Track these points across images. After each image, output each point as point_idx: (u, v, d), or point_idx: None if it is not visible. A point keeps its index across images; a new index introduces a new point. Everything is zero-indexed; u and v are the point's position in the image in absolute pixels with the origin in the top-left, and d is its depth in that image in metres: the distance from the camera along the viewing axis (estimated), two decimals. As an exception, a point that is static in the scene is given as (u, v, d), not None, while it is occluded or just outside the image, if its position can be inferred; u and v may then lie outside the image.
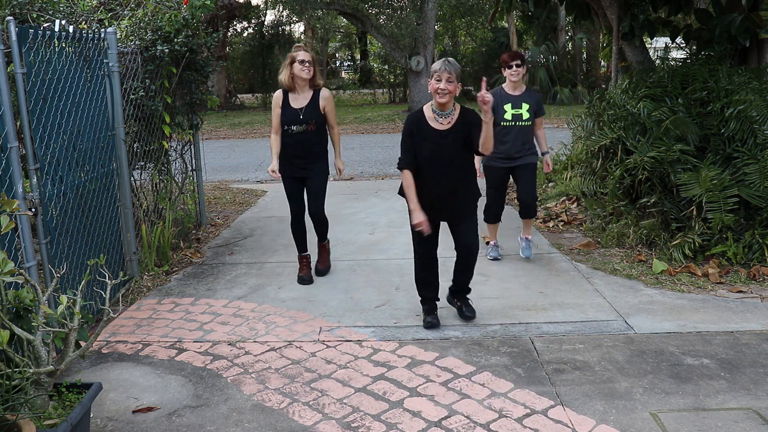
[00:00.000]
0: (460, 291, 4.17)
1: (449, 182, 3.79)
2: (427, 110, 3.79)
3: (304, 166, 4.82)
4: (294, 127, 4.73)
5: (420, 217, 3.73)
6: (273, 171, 4.70)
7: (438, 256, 4.06)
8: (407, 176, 3.79)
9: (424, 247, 3.96)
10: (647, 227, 5.45)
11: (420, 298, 4.15)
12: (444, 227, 3.99)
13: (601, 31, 8.37)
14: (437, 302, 4.14)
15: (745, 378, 3.30)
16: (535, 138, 5.23)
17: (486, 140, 3.63)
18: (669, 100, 5.67)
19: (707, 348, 3.66)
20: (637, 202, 5.61)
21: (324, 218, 4.98)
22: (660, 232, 5.36)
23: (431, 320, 4.03)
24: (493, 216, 5.37)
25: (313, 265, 5.20)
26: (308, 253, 5.13)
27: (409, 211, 3.81)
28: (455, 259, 4.02)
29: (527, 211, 5.31)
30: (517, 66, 5.01)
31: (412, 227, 3.82)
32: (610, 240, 5.67)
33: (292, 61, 4.73)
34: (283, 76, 4.76)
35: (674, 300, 4.40)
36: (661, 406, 3.07)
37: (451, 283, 4.20)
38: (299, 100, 4.76)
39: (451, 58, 3.69)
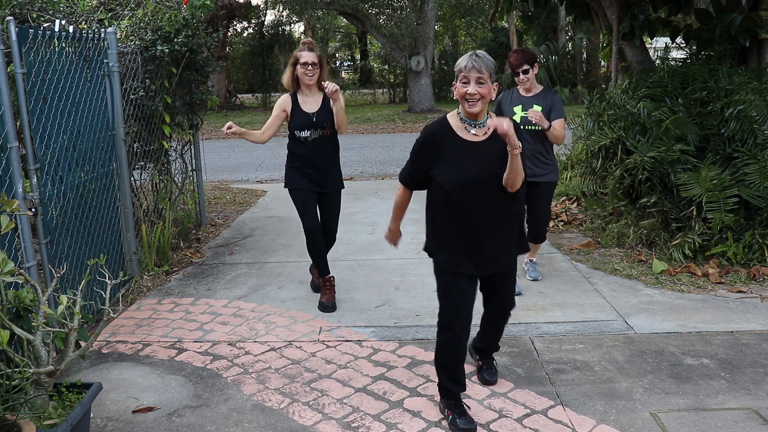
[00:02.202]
0: (485, 349, 3.35)
1: (493, 217, 2.80)
2: (453, 118, 2.84)
3: (322, 179, 4.31)
4: (308, 133, 4.23)
5: (394, 231, 3.12)
6: (228, 127, 3.98)
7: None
8: (402, 194, 2.99)
9: (455, 315, 2.87)
10: (647, 227, 5.45)
11: (442, 389, 3.03)
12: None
13: (601, 31, 8.36)
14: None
15: (745, 378, 3.30)
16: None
17: (513, 175, 2.72)
18: (669, 100, 5.66)
19: (707, 348, 3.66)
20: (637, 202, 5.61)
21: (335, 235, 4.58)
22: (660, 232, 5.36)
23: (466, 425, 2.88)
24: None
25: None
26: (332, 275, 4.48)
27: (388, 228, 3.14)
28: (483, 316, 3.20)
29: (536, 236, 4.69)
30: (524, 72, 4.43)
31: (439, 285, 2.91)
32: (610, 240, 5.67)
33: (295, 62, 4.21)
34: (285, 77, 4.26)
35: (674, 300, 4.40)
36: (661, 406, 3.07)
37: (475, 337, 3.36)
38: (310, 103, 4.27)
39: (480, 51, 2.76)
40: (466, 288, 2.86)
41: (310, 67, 4.18)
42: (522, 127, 4.33)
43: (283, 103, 4.31)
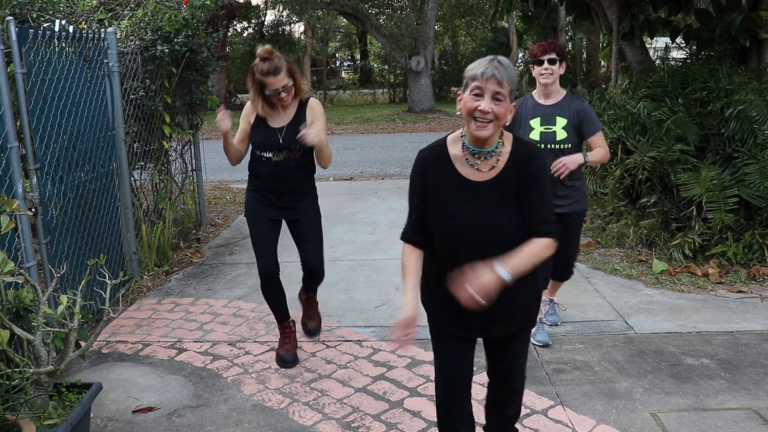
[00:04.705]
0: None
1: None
2: (453, 145, 2.15)
3: (286, 206, 3.46)
4: (270, 154, 3.37)
5: (409, 310, 2.15)
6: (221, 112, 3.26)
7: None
8: (408, 254, 2.23)
9: (447, 379, 2.29)
10: (647, 227, 5.45)
11: None
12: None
13: (601, 31, 8.37)
14: None
15: (745, 378, 3.30)
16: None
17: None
18: (669, 100, 5.67)
19: (707, 348, 3.66)
20: (637, 202, 5.61)
21: (323, 272, 3.64)
22: (660, 232, 5.36)
23: None
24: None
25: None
26: (292, 320, 3.72)
27: (405, 304, 2.20)
28: (486, 395, 2.50)
29: (561, 273, 3.84)
30: (551, 62, 3.46)
31: (433, 343, 2.34)
32: (610, 240, 5.67)
33: (261, 88, 3.30)
34: (256, 104, 3.38)
35: (674, 300, 4.40)
36: (661, 406, 3.07)
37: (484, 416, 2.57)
38: (279, 116, 3.40)
39: (503, 58, 2.07)
40: (454, 346, 2.26)
41: (282, 94, 3.27)
42: (543, 146, 3.45)
43: (248, 112, 3.47)
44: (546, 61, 3.46)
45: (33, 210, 3.62)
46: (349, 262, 5.42)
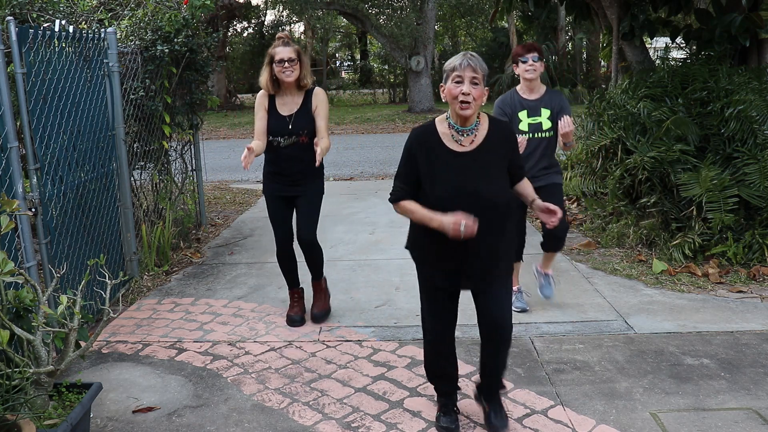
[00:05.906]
0: (488, 386, 2.94)
1: (479, 232, 2.54)
2: (441, 124, 2.67)
3: (294, 184, 3.96)
4: (281, 140, 3.85)
5: (450, 218, 2.50)
6: (249, 148, 3.57)
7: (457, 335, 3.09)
8: (406, 203, 2.69)
9: (437, 325, 2.83)
10: (647, 227, 5.45)
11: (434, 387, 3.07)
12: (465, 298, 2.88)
13: (601, 31, 8.37)
14: (456, 393, 3.04)
15: (745, 378, 3.30)
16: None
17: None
18: (669, 100, 5.67)
19: (707, 348, 3.66)
20: (637, 202, 5.62)
21: (317, 246, 4.10)
22: (660, 232, 5.36)
23: (446, 424, 2.90)
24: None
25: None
26: (301, 287, 4.29)
27: (433, 228, 2.58)
28: (480, 339, 2.89)
29: (554, 243, 4.23)
30: (534, 60, 3.94)
31: (422, 294, 2.87)
32: (610, 240, 5.67)
33: (271, 60, 3.81)
34: (263, 78, 3.86)
35: (674, 300, 4.40)
36: (661, 406, 3.07)
37: (478, 375, 3.03)
38: (288, 105, 3.87)
39: (473, 52, 2.62)
40: (442, 298, 2.79)
41: (286, 64, 3.76)
42: (532, 134, 3.96)
43: (261, 101, 3.91)
44: (530, 59, 3.97)
45: (33, 210, 3.62)
46: (349, 262, 5.42)
